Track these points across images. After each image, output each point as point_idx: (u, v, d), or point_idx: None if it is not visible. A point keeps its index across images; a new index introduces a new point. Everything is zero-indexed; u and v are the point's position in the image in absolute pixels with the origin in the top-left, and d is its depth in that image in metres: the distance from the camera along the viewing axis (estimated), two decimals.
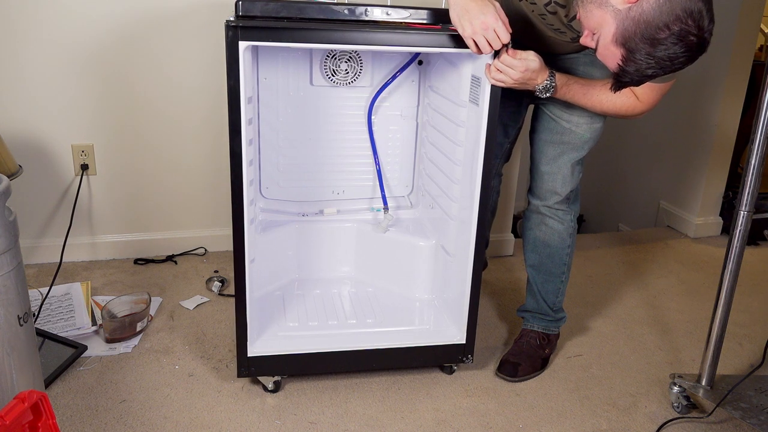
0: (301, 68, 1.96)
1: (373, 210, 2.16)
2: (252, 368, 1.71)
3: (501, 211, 2.66)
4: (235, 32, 1.42)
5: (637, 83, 1.38)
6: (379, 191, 2.12)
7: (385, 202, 2.11)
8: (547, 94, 1.60)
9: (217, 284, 2.29)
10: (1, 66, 2.21)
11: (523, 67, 1.51)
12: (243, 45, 1.43)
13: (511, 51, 1.50)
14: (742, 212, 1.57)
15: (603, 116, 1.72)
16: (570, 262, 1.92)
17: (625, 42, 1.29)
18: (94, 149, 2.37)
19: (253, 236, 1.74)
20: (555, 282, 1.92)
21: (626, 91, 1.56)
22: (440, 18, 1.57)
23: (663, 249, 2.95)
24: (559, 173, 1.81)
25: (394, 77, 2.00)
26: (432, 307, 1.99)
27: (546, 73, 1.57)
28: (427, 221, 2.11)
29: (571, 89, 1.62)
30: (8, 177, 1.61)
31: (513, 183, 2.66)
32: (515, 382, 1.87)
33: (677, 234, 3.13)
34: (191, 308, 2.17)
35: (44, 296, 2.11)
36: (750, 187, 1.54)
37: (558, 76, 1.59)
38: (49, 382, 1.74)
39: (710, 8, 1.25)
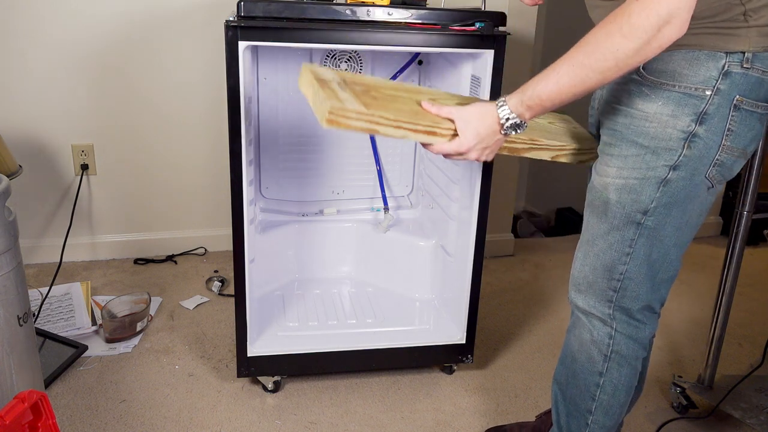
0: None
1: (373, 210, 2.16)
2: (252, 368, 1.71)
3: (501, 211, 2.66)
4: (234, 32, 1.42)
5: None
6: (379, 191, 2.12)
7: (385, 202, 2.11)
8: (518, 130, 1.17)
9: (217, 284, 2.29)
10: (1, 66, 2.21)
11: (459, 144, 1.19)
12: (243, 45, 1.43)
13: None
14: (742, 212, 1.57)
15: (642, 171, 1.14)
16: (607, 404, 1.31)
17: None
18: (94, 149, 2.37)
19: (253, 236, 1.74)
20: (579, 421, 1.35)
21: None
22: (440, 18, 1.57)
23: None
24: (578, 252, 1.29)
25: (394, 77, 2.00)
26: (432, 307, 1.99)
27: (492, 112, 1.17)
28: (427, 221, 2.11)
29: (540, 90, 1.10)
30: (8, 177, 1.61)
31: (513, 183, 2.66)
32: None
33: None
34: (191, 308, 2.17)
35: (44, 296, 2.11)
36: (750, 187, 1.54)
37: (509, 96, 1.16)
38: (49, 382, 1.74)
39: None
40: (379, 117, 1.18)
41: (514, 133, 1.18)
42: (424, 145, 1.24)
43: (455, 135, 1.20)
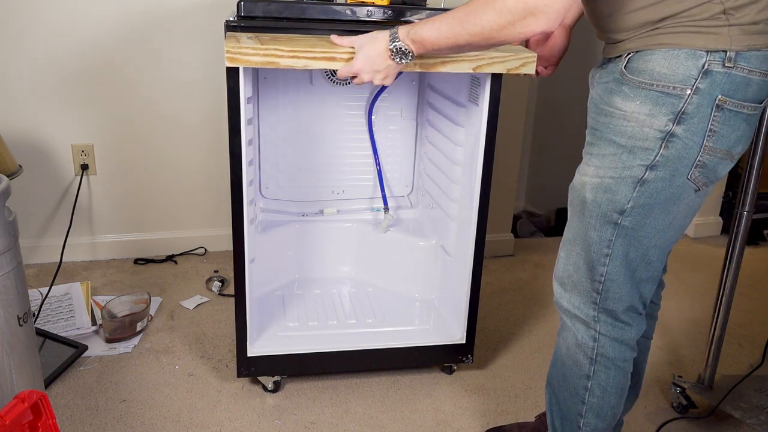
0: None
1: (373, 210, 2.16)
2: (252, 368, 1.71)
3: (501, 211, 2.66)
4: (234, 32, 1.42)
5: None
6: (378, 191, 2.12)
7: (385, 202, 2.11)
8: (405, 58, 1.26)
9: (217, 284, 2.29)
10: (1, 66, 2.21)
11: (356, 61, 1.31)
12: None
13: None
14: (742, 212, 1.57)
15: (616, 172, 1.14)
16: (597, 407, 1.30)
17: None
18: (94, 149, 2.37)
19: (253, 236, 1.74)
20: (572, 424, 1.34)
21: None
22: None
23: None
24: (561, 252, 1.30)
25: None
26: (432, 307, 1.99)
27: (383, 37, 1.27)
28: (427, 221, 2.11)
29: (424, 29, 1.20)
30: (8, 177, 1.61)
31: (513, 183, 2.66)
32: None
33: None
34: (191, 308, 2.17)
35: (44, 296, 2.11)
36: (750, 187, 1.54)
37: (402, 27, 1.25)
38: (49, 382, 1.74)
39: None
40: (274, 49, 1.31)
41: (402, 60, 1.26)
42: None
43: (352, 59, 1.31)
